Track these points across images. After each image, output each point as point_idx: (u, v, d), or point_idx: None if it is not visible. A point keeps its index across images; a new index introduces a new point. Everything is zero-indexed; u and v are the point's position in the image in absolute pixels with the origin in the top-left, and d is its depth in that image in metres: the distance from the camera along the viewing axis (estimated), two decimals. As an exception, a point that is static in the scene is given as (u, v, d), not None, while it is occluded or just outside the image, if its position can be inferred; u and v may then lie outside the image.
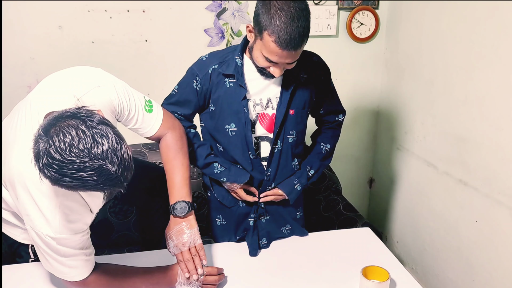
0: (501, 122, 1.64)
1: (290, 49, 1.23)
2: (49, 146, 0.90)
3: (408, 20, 2.20)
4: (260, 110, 1.45)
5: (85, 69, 1.25)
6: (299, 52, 1.28)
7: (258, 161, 1.49)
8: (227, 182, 1.50)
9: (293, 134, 1.49)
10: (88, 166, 0.91)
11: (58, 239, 1.13)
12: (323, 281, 1.38)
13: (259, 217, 1.56)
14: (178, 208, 1.34)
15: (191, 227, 1.35)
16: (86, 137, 0.92)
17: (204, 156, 1.51)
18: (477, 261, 1.83)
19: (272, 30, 1.21)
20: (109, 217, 2.02)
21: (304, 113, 1.50)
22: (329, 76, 1.54)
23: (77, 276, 1.22)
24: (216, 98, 1.44)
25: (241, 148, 1.47)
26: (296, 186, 1.54)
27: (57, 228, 1.12)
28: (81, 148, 0.91)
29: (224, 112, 1.45)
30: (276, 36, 1.21)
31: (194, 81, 1.44)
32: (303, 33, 1.23)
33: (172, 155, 1.39)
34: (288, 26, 1.20)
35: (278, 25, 1.20)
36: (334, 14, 2.28)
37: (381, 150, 2.59)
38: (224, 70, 1.41)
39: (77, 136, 0.91)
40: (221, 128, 1.47)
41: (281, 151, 1.49)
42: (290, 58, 1.28)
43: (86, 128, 0.93)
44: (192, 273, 1.31)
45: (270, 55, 1.27)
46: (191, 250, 1.33)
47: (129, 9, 2.12)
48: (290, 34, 1.21)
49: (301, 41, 1.24)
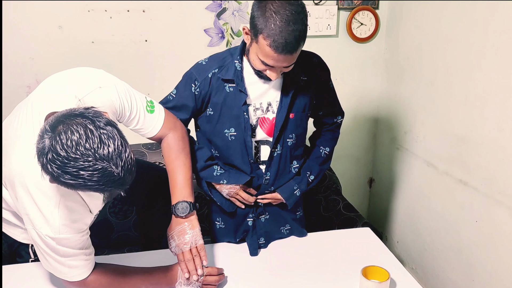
0: (501, 122, 1.64)
1: (285, 53, 1.22)
2: (56, 142, 0.91)
3: (408, 20, 2.20)
4: (260, 115, 1.44)
5: (86, 70, 1.25)
6: (295, 56, 1.26)
7: (256, 165, 1.49)
8: (227, 184, 1.49)
9: (293, 137, 1.48)
10: (92, 166, 0.91)
11: (57, 239, 1.13)
12: (323, 281, 1.38)
13: (258, 216, 1.56)
14: (180, 208, 1.34)
15: (193, 227, 1.35)
16: (93, 137, 0.92)
17: (205, 159, 1.49)
18: (477, 261, 1.83)
19: (268, 33, 1.19)
20: (109, 217, 2.02)
21: (304, 116, 1.48)
22: (329, 77, 1.53)
23: (77, 276, 1.22)
24: (215, 102, 1.42)
25: (240, 153, 1.46)
26: (296, 192, 1.54)
27: (56, 228, 1.12)
28: (88, 147, 0.91)
29: (224, 117, 1.43)
30: (271, 40, 1.20)
31: (193, 85, 1.42)
32: (299, 37, 1.21)
33: (174, 155, 1.39)
34: (284, 30, 1.18)
35: (273, 29, 1.18)
36: (334, 14, 2.28)
37: (381, 150, 2.59)
38: (223, 75, 1.39)
39: (85, 135, 0.92)
40: (220, 132, 1.45)
41: (280, 155, 1.48)
42: (286, 62, 1.26)
43: (94, 128, 0.93)
44: (192, 274, 1.31)
45: (265, 58, 1.26)
46: (192, 250, 1.33)
47: (129, 9, 2.12)
48: (285, 38, 1.19)
49: (297, 45, 1.22)
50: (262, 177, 1.50)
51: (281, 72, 1.33)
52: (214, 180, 1.50)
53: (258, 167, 1.49)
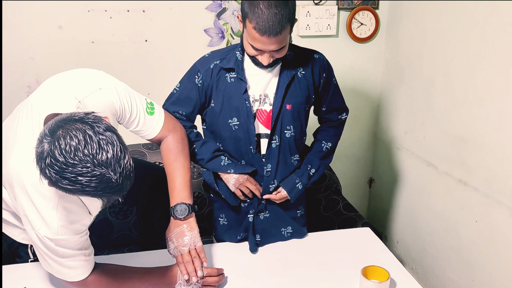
0: (501, 122, 1.64)
1: (269, 35, 1.26)
2: (55, 147, 0.90)
3: (408, 20, 2.20)
4: (258, 106, 1.47)
5: (86, 71, 1.25)
6: (281, 38, 1.29)
7: (258, 156, 1.50)
8: (234, 173, 1.50)
9: (291, 129, 1.49)
10: (90, 172, 0.91)
11: (56, 240, 1.13)
12: (323, 281, 1.38)
13: (258, 213, 1.56)
14: (178, 210, 1.34)
15: (192, 229, 1.35)
16: (92, 142, 0.92)
17: (212, 150, 1.51)
18: (477, 261, 1.83)
19: (252, 17, 1.26)
20: (109, 217, 2.02)
21: (302, 109, 1.49)
22: (331, 73, 1.55)
23: (77, 276, 1.22)
24: (217, 94, 1.46)
25: (244, 142, 1.48)
26: (298, 185, 1.54)
27: (55, 229, 1.12)
28: (86, 153, 0.91)
29: (226, 108, 1.46)
30: (255, 22, 1.25)
31: (196, 77, 1.46)
32: (283, 20, 1.25)
33: (173, 157, 1.39)
34: (266, 13, 1.24)
35: (256, 12, 1.25)
36: (334, 14, 2.28)
37: (381, 150, 2.59)
38: (224, 64, 1.44)
39: (84, 140, 0.91)
40: (224, 124, 1.48)
41: (279, 146, 1.50)
42: (273, 45, 1.30)
43: (93, 133, 0.93)
44: (192, 275, 1.31)
45: (253, 42, 1.31)
46: (191, 252, 1.33)
47: (129, 9, 2.12)
48: (268, 21, 1.24)
49: (280, 27, 1.25)
50: (263, 169, 1.51)
51: (272, 57, 1.36)
52: (221, 170, 1.51)
53: (261, 159, 1.51)
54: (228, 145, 1.51)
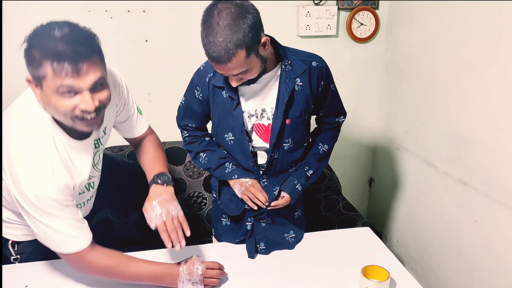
0: (501, 122, 1.64)
1: (220, 64, 1.19)
2: (31, 32, 1.09)
3: (408, 20, 2.20)
4: (255, 121, 1.45)
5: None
6: (236, 64, 1.20)
7: (256, 169, 1.50)
8: (238, 178, 1.49)
9: (289, 141, 1.49)
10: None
11: (40, 197, 1.14)
12: (323, 281, 1.38)
13: (259, 220, 1.56)
14: (161, 178, 1.39)
15: (174, 199, 1.36)
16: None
17: (219, 157, 1.52)
18: (477, 261, 1.83)
19: (203, 44, 1.19)
20: (109, 216, 2.03)
21: (300, 121, 1.47)
22: (329, 80, 1.51)
23: (73, 247, 1.21)
24: (214, 107, 1.46)
25: (241, 156, 1.49)
26: (297, 187, 1.54)
27: (41, 184, 1.14)
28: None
29: (222, 122, 1.47)
30: (205, 50, 1.20)
31: (195, 91, 1.47)
32: (230, 47, 1.16)
33: (157, 146, 1.54)
34: (211, 41, 1.16)
35: (204, 40, 1.19)
36: (334, 14, 2.28)
37: (381, 150, 2.59)
38: (216, 82, 1.41)
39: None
40: (221, 137, 1.50)
41: (276, 159, 1.49)
42: (231, 71, 1.23)
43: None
44: (175, 243, 1.28)
45: (214, 67, 1.25)
46: (174, 220, 1.30)
47: (130, 9, 2.12)
48: (214, 50, 1.17)
49: (228, 55, 1.17)
50: (260, 181, 1.51)
51: (241, 79, 1.30)
52: (226, 177, 1.52)
53: (258, 171, 1.51)
54: (230, 155, 1.53)
